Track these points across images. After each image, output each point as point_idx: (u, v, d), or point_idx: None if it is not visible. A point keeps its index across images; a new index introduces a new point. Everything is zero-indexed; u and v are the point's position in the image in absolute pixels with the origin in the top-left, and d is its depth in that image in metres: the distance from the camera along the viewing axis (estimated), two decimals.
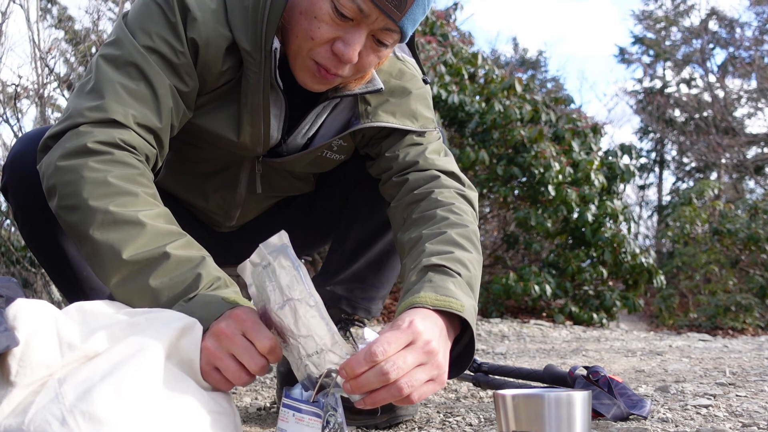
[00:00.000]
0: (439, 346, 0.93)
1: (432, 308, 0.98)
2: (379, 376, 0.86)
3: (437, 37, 5.60)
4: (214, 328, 0.93)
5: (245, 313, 0.93)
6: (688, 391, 1.60)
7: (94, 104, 1.08)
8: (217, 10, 1.16)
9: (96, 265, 1.02)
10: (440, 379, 0.94)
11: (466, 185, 1.31)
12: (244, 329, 0.92)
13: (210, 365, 0.93)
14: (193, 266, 0.99)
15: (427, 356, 0.91)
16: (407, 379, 0.88)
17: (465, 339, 1.07)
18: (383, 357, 0.86)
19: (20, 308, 0.86)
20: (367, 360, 0.86)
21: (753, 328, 6.13)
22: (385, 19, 1.11)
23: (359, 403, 0.90)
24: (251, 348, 0.91)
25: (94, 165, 1.03)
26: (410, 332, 0.90)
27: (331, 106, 1.31)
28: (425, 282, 1.05)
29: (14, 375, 0.82)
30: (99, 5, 4.70)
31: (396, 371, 0.86)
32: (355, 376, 0.86)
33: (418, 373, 0.89)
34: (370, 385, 0.87)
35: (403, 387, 0.87)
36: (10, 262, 3.82)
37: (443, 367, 0.94)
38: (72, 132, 1.07)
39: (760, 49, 14.11)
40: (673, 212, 8.05)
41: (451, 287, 1.04)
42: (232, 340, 0.91)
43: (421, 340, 0.91)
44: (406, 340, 0.89)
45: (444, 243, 1.14)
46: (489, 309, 5.30)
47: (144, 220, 1.00)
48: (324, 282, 1.50)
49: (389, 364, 0.86)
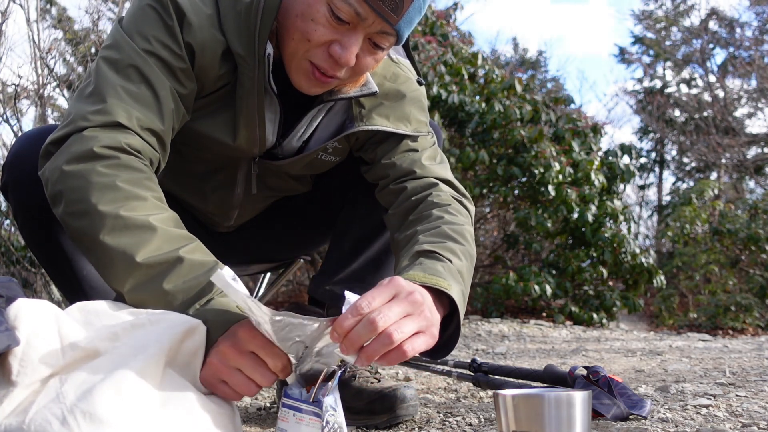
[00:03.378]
0: (424, 299, 0.95)
1: (419, 284, 0.99)
2: (368, 326, 0.87)
3: (437, 37, 5.60)
4: (220, 345, 0.92)
5: (252, 332, 0.92)
6: (688, 391, 1.60)
7: (97, 108, 1.08)
8: (212, 15, 1.17)
9: (107, 271, 1.01)
10: (430, 332, 0.95)
11: (462, 193, 1.33)
12: (254, 348, 0.92)
13: (216, 379, 0.93)
14: (206, 270, 0.99)
15: (413, 306, 0.92)
16: (396, 327, 0.89)
17: (452, 326, 1.07)
18: (369, 309, 0.88)
19: (21, 308, 0.86)
20: (354, 314, 0.87)
21: (753, 328, 6.13)
22: (381, 22, 1.11)
23: (357, 362, 0.90)
24: (262, 365, 0.92)
25: (102, 170, 1.02)
26: (392, 286, 0.92)
27: (326, 109, 1.31)
28: (415, 264, 1.08)
29: (15, 375, 0.82)
30: (99, 5, 4.70)
31: (383, 319, 0.87)
32: (345, 333, 0.87)
33: (406, 323, 0.90)
34: (361, 337, 0.87)
35: (393, 334, 0.88)
36: (10, 262, 3.82)
37: (432, 320, 0.95)
38: (76, 136, 1.06)
39: (760, 49, 14.11)
40: (673, 212, 8.05)
41: (440, 269, 1.06)
42: (239, 358, 0.91)
43: (404, 291, 0.92)
44: (389, 293, 0.91)
45: (437, 235, 1.16)
46: (489, 309, 5.29)
47: (155, 224, 1.00)
48: (323, 281, 1.50)
49: (375, 313, 0.87)
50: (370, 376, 1.47)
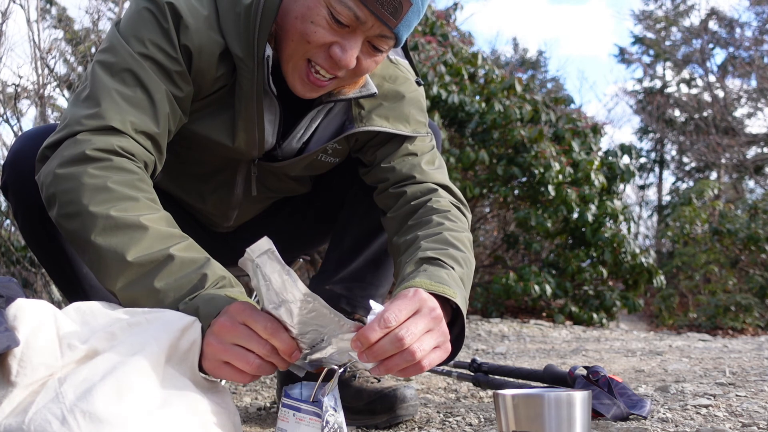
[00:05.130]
0: (442, 314, 0.95)
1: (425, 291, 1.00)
2: (395, 342, 0.87)
3: (437, 37, 5.60)
4: (214, 326, 0.92)
5: (242, 305, 0.92)
6: (688, 391, 1.60)
7: (91, 112, 1.08)
8: (210, 17, 1.17)
9: (99, 271, 1.01)
10: (445, 347, 0.96)
11: (459, 199, 1.34)
12: (244, 319, 0.91)
13: (218, 360, 0.92)
14: (197, 267, 0.99)
15: (434, 322, 0.93)
16: (419, 344, 0.89)
17: (456, 329, 1.08)
18: (396, 323, 0.88)
19: (20, 308, 0.86)
20: (381, 327, 0.87)
21: (753, 328, 6.13)
22: (380, 26, 1.12)
23: (374, 370, 0.90)
24: (254, 334, 0.90)
25: (94, 172, 1.03)
26: (416, 300, 0.92)
27: (325, 110, 1.32)
28: (420, 271, 1.08)
29: (14, 375, 0.82)
30: (99, 5, 4.71)
31: (410, 337, 0.88)
32: (370, 345, 0.87)
33: (427, 339, 0.91)
34: (386, 352, 0.88)
35: (416, 351, 0.88)
36: (10, 262, 3.82)
37: (448, 335, 0.97)
38: (70, 140, 1.07)
39: (760, 49, 14.12)
40: (673, 212, 8.06)
41: (444, 277, 1.07)
42: (233, 331, 0.90)
43: (426, 307, 0.93)
44: (414, 307, 0.91)
45: (439, 242, 1.17)
46: (489, 309, 5.30)
47: (146, 224, 1.00)
48: (323, 281, 1.50)
49: (403, 330, 0.88)
50: (370, 376, 1.47)
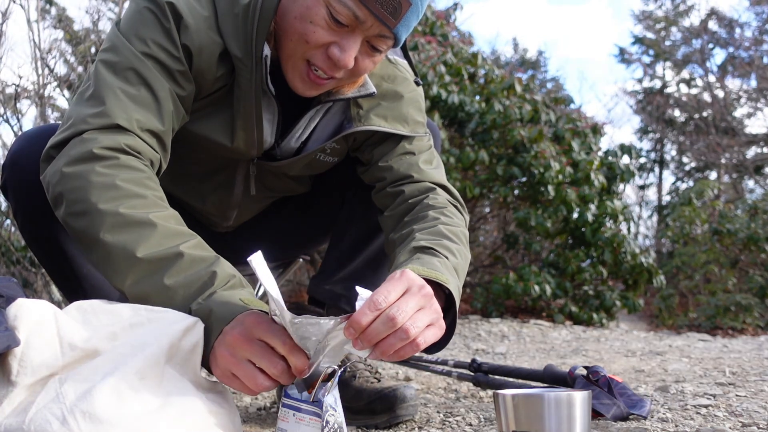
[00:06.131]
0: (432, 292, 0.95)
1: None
2: (387, 322, 0.86)
3: (437, 37, 5.59)
4: (227, 336, 0.91)
5: (258, 318, 0.91)
6: (688, 391, 1.60)
7: (97, 111, 1.08)
8: (209, 17, 1.17)
9: (108, 269, 1.01)
10: (439, 324, 0.94)
11: (457, 199, 1.34)
12: (260, 335, 0.90)
13: (228, 371, 0.92)
14: (207, 265, 0.99)
15: (425, 299, 0.92)
16: (412, 322, 0.88)
17: (448, 318, 1.07)
18: (386, 304, 0.87)
19: (21, 308, 0.86)
20: (372, 309, 0.86)
21: (753, 328, 6.13)
22: (380, 26, 1.12)
23: (371, 355, 0.89)
24: (269, 351, 0.90)
25: (101, 170, 1.03)
26: (404, 280, 0.91)
27: (324, 110, 1.32)
28: (413, 259, 1.08)
29: (15, 375, 0.82)
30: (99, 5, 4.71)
31: (402, 315, 0.86)
32: (362, 329, 0.86)
33: (420, 316, 0.90)
34: (379, 334, 0.86)
35: (410, 329, 0.87)
36: (10, 262, 3.81)
37: (440, 313, 0.95)
38: (76, 139, 1.06)
39: (760, 49, 14.12)
40: (673, 212, 8.05)
41: (437, 264, 1.06)
42: (247, 346, 0.90)
43: (416, 285, 0.91)
44: (403, 287, 0.90)
45: (433, 234, 1.17)
46: (489, 309, 5.29)
47: (155, 221, 1.00)
48: (323, 281, 1.50)
49: (394, 309, 0.86)
50: (370, 376, 1.47)
